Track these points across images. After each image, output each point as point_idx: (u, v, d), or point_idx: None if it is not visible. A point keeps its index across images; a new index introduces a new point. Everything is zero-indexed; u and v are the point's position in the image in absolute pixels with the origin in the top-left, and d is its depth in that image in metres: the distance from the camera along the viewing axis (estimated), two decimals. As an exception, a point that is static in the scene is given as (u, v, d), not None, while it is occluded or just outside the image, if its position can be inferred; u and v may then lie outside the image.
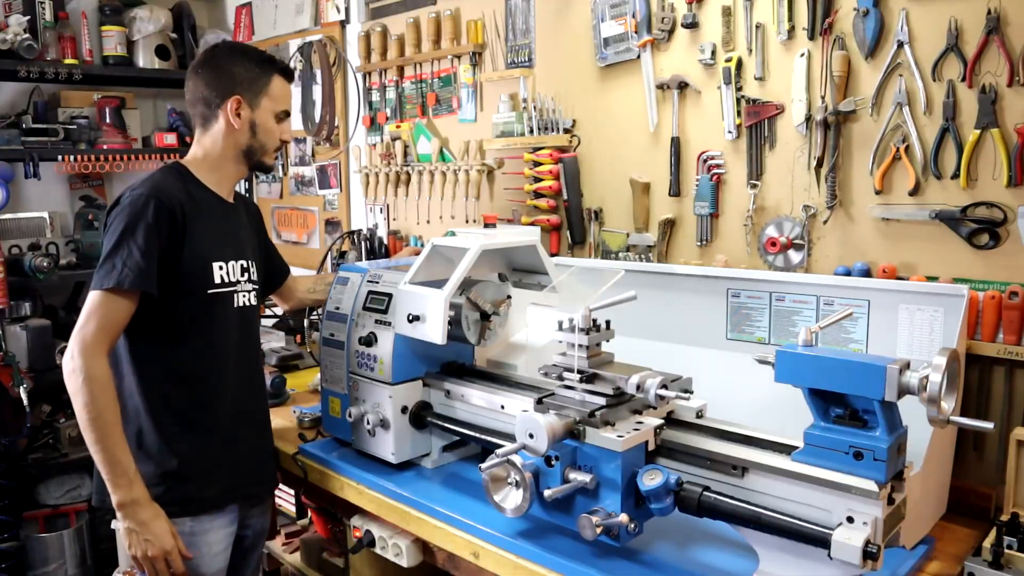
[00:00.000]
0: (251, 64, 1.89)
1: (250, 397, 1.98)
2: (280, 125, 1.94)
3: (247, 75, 1.88)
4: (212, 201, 1.90)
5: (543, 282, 1.98)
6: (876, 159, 1.89)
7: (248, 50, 1.96)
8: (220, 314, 1.87)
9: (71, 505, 3.57)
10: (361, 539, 1.95)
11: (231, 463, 1.89)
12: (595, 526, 1.38)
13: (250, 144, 1.90)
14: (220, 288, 1.86)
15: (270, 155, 1.95)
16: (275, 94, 1.91)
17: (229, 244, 1.91)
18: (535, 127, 2.58)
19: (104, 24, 3.77)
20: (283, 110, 1.94)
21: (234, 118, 1.86)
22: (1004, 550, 1.51)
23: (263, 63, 1.91)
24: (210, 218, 1.86)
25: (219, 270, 1.86)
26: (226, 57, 1.90)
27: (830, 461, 1.26)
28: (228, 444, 1.89)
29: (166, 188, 1.79)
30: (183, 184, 1.85)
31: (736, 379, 1.70)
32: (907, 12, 1.81)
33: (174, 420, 1.82)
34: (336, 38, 3.41)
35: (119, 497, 1.69)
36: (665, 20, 2.23)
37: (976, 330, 1.76)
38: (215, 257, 1.85)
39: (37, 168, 3.49)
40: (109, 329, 1.70)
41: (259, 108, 1.89)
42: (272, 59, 1.94)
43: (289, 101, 1.97)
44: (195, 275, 1.81)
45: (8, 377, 3.22)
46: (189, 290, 1.81)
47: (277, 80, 1.91)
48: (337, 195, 3.57)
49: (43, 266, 3.38)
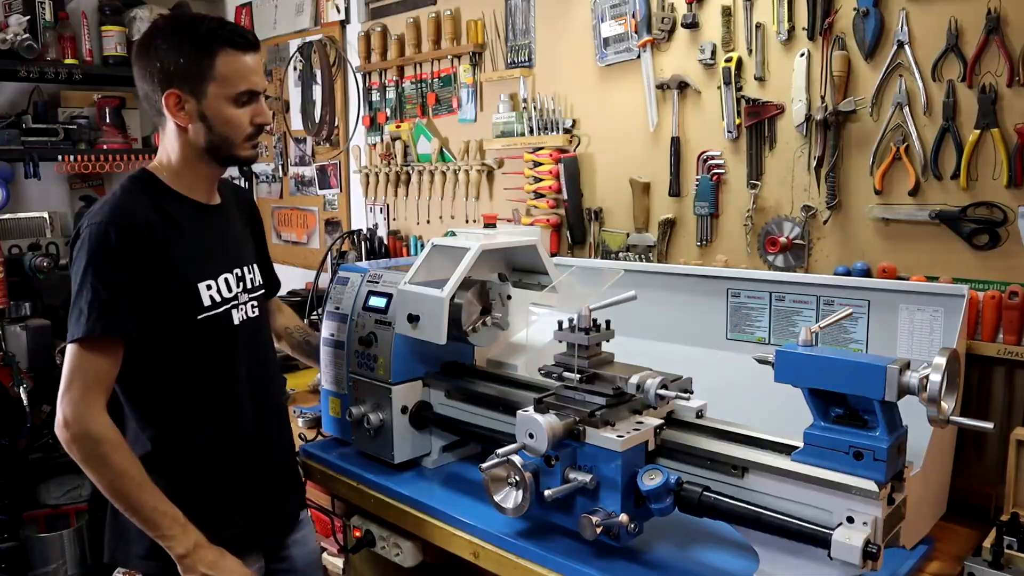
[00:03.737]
0: (184, 44, 1.53)
1: (271, 421, 1.77)
2: (245, 108, 1.59)
3: (180, 60, 1.52)
4: (189, 210, 1.63)
5: (543, 282, 1.98)
6: (876, 159, 1.89)
7: (182, 26, 1.56)
8: (223, 339, 1.63)
9: (71, 505, 3.56)
10: (361, 539, 1.95)
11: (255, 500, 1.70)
12: (595, 526, 1.38)
13: (210, 141, 1.58)
14: (212, 311, 1.61)
15: (241, 147, 1.61)
16: (224, 74, 1.54)
17: (217, 256, 1.66)
18: (535, 127, 2.58)
19: (104, 24, 3.77)
20: (243, 91, 1.57)
21: (177, 115, 1.55)
22: (1004, 550, 1.50)
23: (199, 39, 1.53)
24: (189, 232, 1.60)
25: (207, 290, 1.60)
26: (155, 40, 1.55)
27: (830, 461, 1.26)
28: (252, 481, 1.70)
29: (129, 208, 1.53)
30: (150, 198, 1.58)
31: (736, 379, 1.69)
32: (907, 12, 1.81)
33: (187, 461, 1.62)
34: (336, 38, 3.42)
35: (178, 550, 1.50)
36: (665, 20, 2.23)
37: (976, 330, 1.76)
38: (200, 277, 1.60)
39: (37, 168, 3.49)
40: (96, 385, 1.47)
41: (206, 97, 1.54)
42: (214, 29, 1.55)
43: (252, 77, 1.58)
44: (179, 303, 1.57)
45: (8, 377, 3.22)
46: (176, 321, 1.56)
47: (224, 57, 1.54)
48: (337, 195, 3.57)
49: (43, 266, 3.38)
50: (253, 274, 1.76)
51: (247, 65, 1.58)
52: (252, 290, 1.74)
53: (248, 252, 1.80)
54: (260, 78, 1.62)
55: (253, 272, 1.76)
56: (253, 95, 1.60)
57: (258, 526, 1.73)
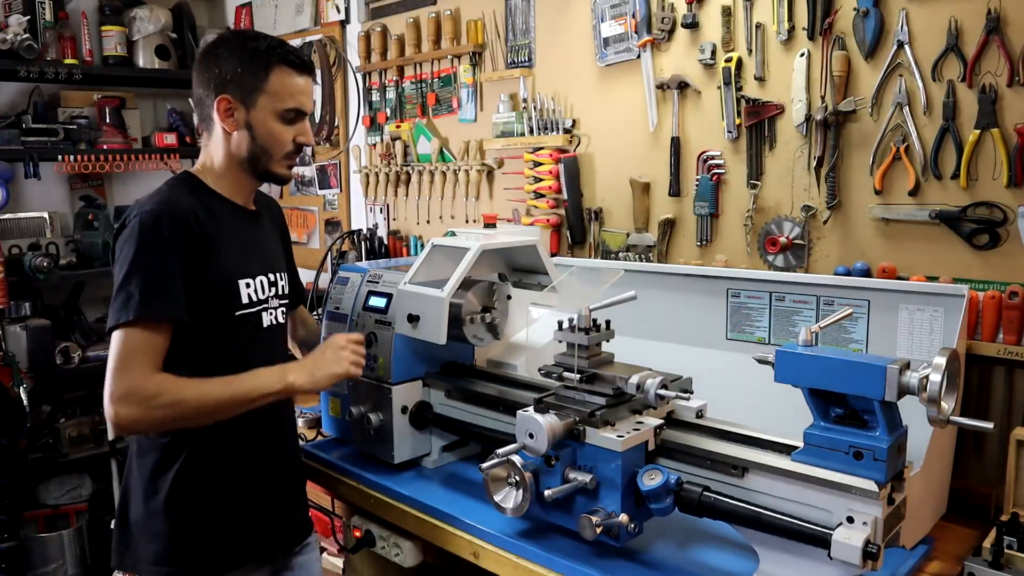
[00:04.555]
0: (244, 55, 1.61)
1: (282, 430, 1.78)
2: (291, 126, 1.65)
3: (237, 69, 1.60)
4: (231, 210, 1.68)
5: (543, 282, 1.98)
6: (876, 159, 1.89)
7: (246, 39, 1.65)
8: (249, 338, 1.65)
9: (71, 505, 3.57)
10: (361, 539, 1.95)
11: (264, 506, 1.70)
12: (595, 526, 1.38)
13: (251, 150, 1.64)
14: (248, 308, 1.64)
15: (279, 163, 1.67)
16: (275, 89, 1.61)
17: (254, 257, 1.70)
18: (535, 127, 2.58)
19: (104, 24, 3.77)
20: (290, 108, 1.64)
21: (226, 120, 1.62)
22: (1004, 550, 1.50)
23: (258, 53, 1.61)
24: (232, 230, 1.65)
25: (246, 288, 1.64)
26: (218, 49, 1.64)
27: (830, 461, 1.26)
28: (261, 487, 1.70)
29: (178, 201, 1.57)
30: (196, 196, 1.63)
31: (736, 379, 1.69)
32: (907, 12, 1.81)
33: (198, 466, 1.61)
34: (336, 38, 3.42)
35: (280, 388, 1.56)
36: (665, 20, 2.23)
37: (976, 330, 1.76)
38: (241, 274, 1.64)
39: (37, 168, 3.49)
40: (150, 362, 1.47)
41: (255, 107, 1.61)
42: (274, 47, 1.63)
43: (300, 97, 1.66)
44: (221, 297, 1.59)
45: (8, 377, 3.22)
46: (214, 315, 1.58)
47: (278, 73, 1.61)
48: (337, 195, 3.57)
49: (43, 266, 3.38)
50: (284, 282, 1.79)
51: (298, 85, 1.65)
52: (281, 297, 1.77)
53: (279, 260, 1.82)
54: (308, 100, 1.69)
55: (283, 279, 1.79)
56: (300, 114, 1.67)
57: (267, 533, 1.72)
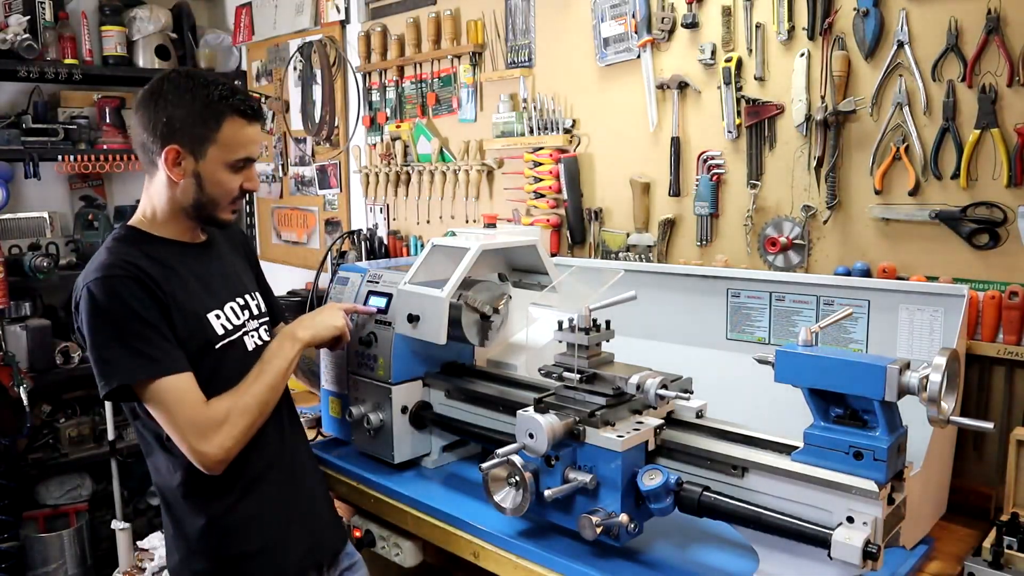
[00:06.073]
0: (194, 104, 1.54)
1: (299, 442, 1.80)
2: (238, 174, 1.61)
3: (187, 119, 1.53)
4: (177, 251, 1.63)
5: (543, 282, 1.98)
6: (876, 159, 1.89)
7: (196, 85, 1.55)
8: (238, 365, 1.62)
9: (71, 505, 3.57)
10: (361, 539, 1.95)
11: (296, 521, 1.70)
12: (595, 526, 1.38)
13: (197, 199, 1.59)
14: (227, 338, 1.62)
15: (225, 210, 1.63)
16: (227, 141, 1.56)
17: (217, 287, 1.66)
18: (535, 127, 2.58)
19: (104, 24, 3.76)
20: (241, 158, 1.60)
21: (173, 170, 1.55)
22: (1004, 550, 1.50)
23: (210, 104, 1.54)
24: (183, 270, 1.60)
25: (216, 320, 1.62)
26: (166, 92, 1.55)
27: (830, 461, 1.26)
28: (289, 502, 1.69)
29: (119, 261, 1.52)
30: (137, 248, 1.57)
31: (736, 379, 1.70)
32: (907, 12, 1.81)
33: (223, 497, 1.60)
34: (336, 38, 3.41)
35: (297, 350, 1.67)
36: (665, 20, 2.23)
37: (976, 330, 1.76)
38: (207, 308, 1.61)
39: (37, 168, 3.49)
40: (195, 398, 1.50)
41: (205, 158, 1.56)
42: (226, 96, 1.56)
43: (251, 147, 1.61)
44: (196, 336, 1.57)
45: (8, 377, 3.22)
46: (196, 354, 1.56)
47: (230, 123, 1.56)
48: (337, 195, 3.57)
49: (43, 266, 3.38)
50: (257, 300, 1.76)
51: (248, 135, 1.60)
52: (259, 316, 1.75)
53: (246, 281, 1.79)
54: (258, 148, 1.66)
55: (256, 299, 1.77)
56: (249, 162, 1.63)
57: (304, 549, 1.71)
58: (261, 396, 1.58)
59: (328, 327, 1.77)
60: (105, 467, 3.57)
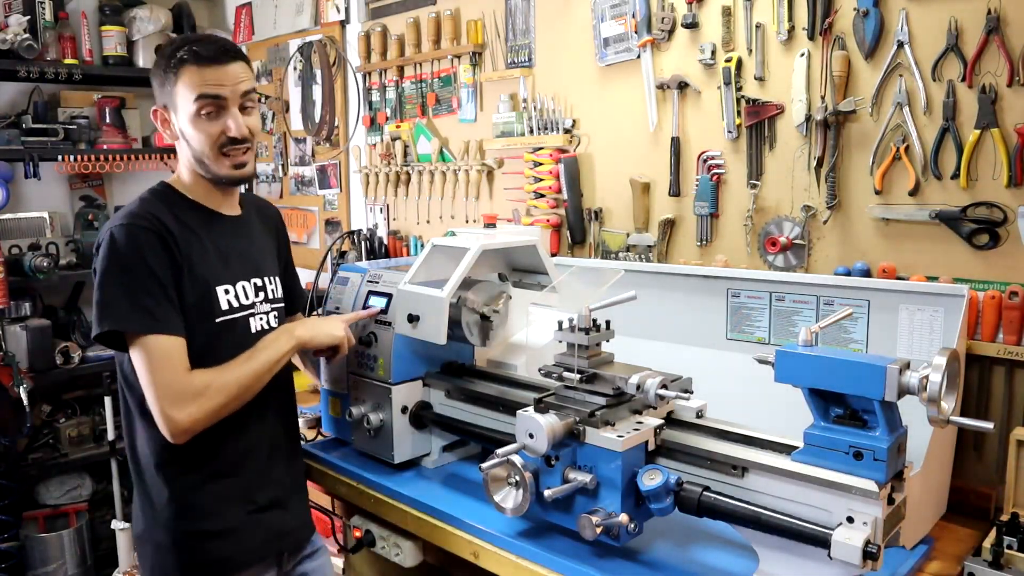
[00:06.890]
0: (159, 64, 1.61)
1: (281, 434, 1.79)
2: (214, 121, 1.59)
3: (157, 80, 1.62)
4: (205, 218, 1.67)
5: (543, 282, 1.98)
6: (876, 159, 1.89)
7: (166, 47, 1.64)
8: (237, 345, 1.62)
9: (71, 505, 3.57)
10: (361, 539, 1.95)
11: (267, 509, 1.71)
12: (595, 526, 1.38)
13: (192, 156, 1.64)
14: (229, 315, 1.64)
15: (216, 162, 1.62)
16: (185, 91, 1.57)
17: (235, 263, 1.68)
18: (535, 127, 2.58)
19: (104, 24, 3.77)
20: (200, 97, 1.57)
21: (165, 131, 1.66)
22: (1004, 550, 1.51)
23: (166, 60, 1.59)
24: (206, 238, 1.64)
25: (225, 295, 1.64)
26: (155, 62, 1.66)
27: (830, 461, 1.25)
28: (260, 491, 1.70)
29: (146, 213, 1.57)
30: (166, 206, 1.62)
31: (736, 379, 1.69)
32: (907, 12, 1.81)
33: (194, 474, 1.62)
34: (336, 38, 3.42)
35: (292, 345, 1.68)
36: (665, 20, 2.23)
37: (976, 330, 1.76)
38: (219, 280, 1.63)
39: (37, 168, 3.49)
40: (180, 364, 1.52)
41: (177, 113, 1.61)
42: (178, 47, 1.59)
43: (209, 86, 1.57)
44: (199, 304, 1.59)
45: (8, 377, 3.22)
46: (195, 322, 1.58)
47: (185, 73, 1.57)
48: (337, 195, 3.57)
49: (43, 266, 3.38)
50: (274, 285, 1.78)
51: (204, 77, 1.57)
52: (272, 301, 1.76)
53: (269, 264, 1.80)
54: (225, 86, 1.59)
55: (274, 284, 1.78)
56: (219, 106, 1.59)
57: (267, 537, 1.72)
58: (243, 380, 1.58)
59: (327, 334, 1.78)
60: (105, 467, 3.57)
